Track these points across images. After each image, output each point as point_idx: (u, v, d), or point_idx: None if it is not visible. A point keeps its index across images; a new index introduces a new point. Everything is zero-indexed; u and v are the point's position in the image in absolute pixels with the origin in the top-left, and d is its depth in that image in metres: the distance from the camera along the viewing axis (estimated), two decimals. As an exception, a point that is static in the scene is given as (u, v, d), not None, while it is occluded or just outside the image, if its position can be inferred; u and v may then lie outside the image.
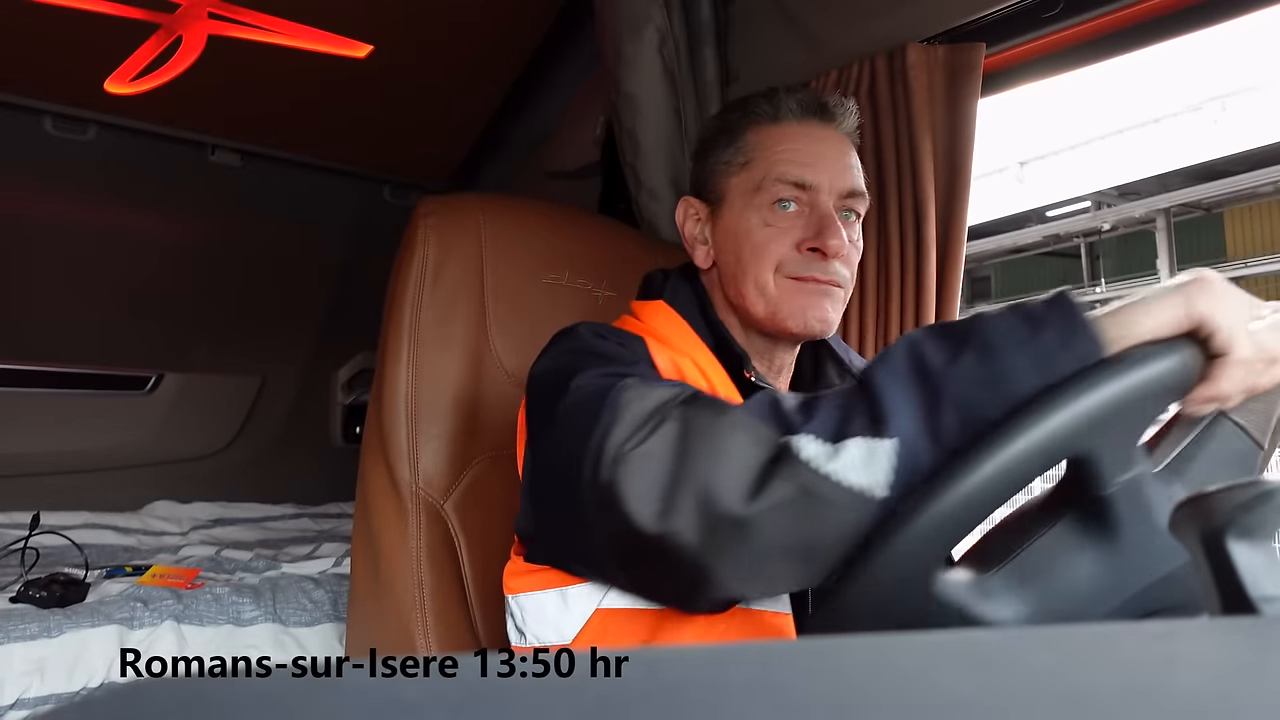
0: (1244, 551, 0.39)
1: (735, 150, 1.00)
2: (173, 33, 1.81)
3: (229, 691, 0.16)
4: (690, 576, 0.67)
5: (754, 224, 0.97)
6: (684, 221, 1.04)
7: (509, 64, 2.16)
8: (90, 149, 2.18)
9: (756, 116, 1.00)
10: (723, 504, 0.63)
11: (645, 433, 0.68)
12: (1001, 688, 0.17)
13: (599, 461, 0.69)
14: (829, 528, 0.63)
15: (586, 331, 0.89)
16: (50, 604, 1.53)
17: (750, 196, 0.97)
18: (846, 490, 0.62)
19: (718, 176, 1.01)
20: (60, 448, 2.73)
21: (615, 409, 0.71)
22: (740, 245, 0.98)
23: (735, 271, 0.98)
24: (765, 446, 0.64)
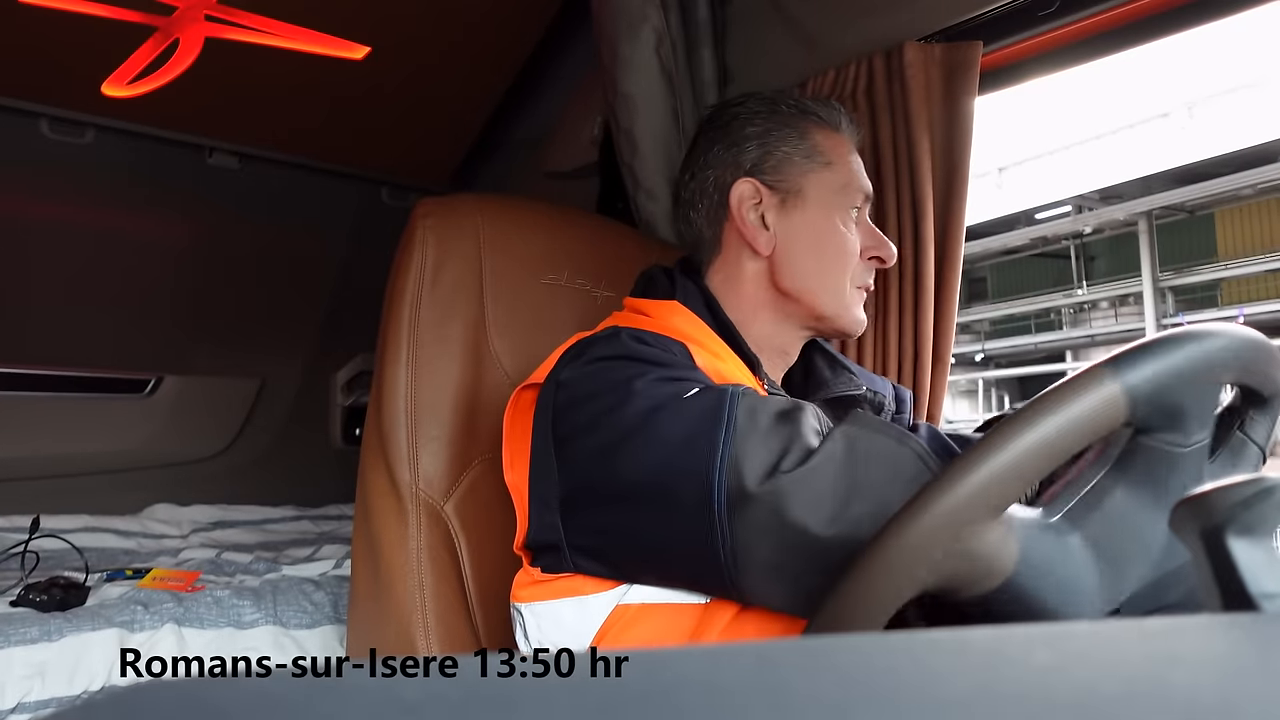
0: (1244, 548, 0.39)
1: (810, 148, 1.01)
2: (170, 35, 1.80)
3: (229, 692, 0.16)
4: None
5: (837, 225, 1.00)
6: (740, 205, 1.01)
7: (506, 65, 2.16)
8: (88, 152, 2.18)
9: (819, 121, 1.03)
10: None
11: (798, 454, 0.70)
12: (1001, 686, 0.17)
13: (739, 473, 0.70)
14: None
15: (628, 338, 0.86)
16: (50, 607, 1.53)
17: (832, 198, 1.00)
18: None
19: (794, 168, 1.01)
20: (60, 451, 2.73)
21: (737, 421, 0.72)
22: (822, 245, 1.00)
23: (812, 268, 1.00)
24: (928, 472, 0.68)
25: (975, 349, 16.97)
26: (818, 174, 1.00)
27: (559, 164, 2.06)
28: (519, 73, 2.19)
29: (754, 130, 1.03)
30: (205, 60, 1.86)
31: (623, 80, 1.57)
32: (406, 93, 2.19)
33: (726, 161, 1.03)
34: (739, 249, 1.02)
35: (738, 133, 1.03)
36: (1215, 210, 13.01)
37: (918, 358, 1.33)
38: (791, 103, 1.04)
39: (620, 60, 1.57)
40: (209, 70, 1.90)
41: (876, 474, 0.68)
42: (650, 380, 0.78)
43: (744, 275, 1.02)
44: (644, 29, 1.55)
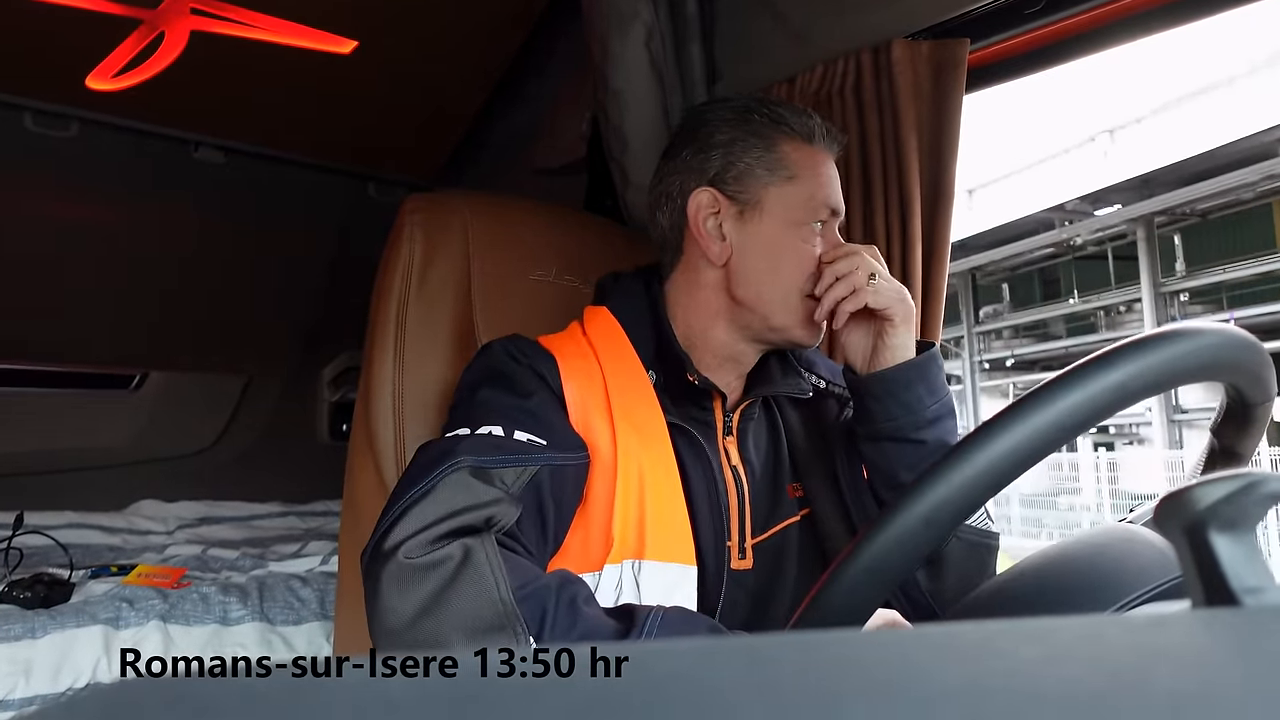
0: (1226, 543, 0.40)
1: (775, 160, 1.01)
2: (155, 28, 1.79)
3: (216, 690, 0.16)
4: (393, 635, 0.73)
5: (795, 239, 1.00)
6: (699, 213, 1.03)
7: (495, 60, 2.16)
8: (72, 145, 2.16)
9: (791, 132, 1.02)
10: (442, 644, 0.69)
11: (428, 542, 0.74)
12: (989, 681, 0.17)
13: (387, 530, 0.75)
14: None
15: (500, 351, 0.95)
16: (35, 604, 1.52)
17: (794, 211, 1.00)
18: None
19: (755, 180, 1.01)
20: (44, 447, 2.71)
21: (428, 488, 0.77)
22: (776, 257, 1.00)
23: (762, 279, 1.01)
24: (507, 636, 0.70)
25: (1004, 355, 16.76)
26: (779, 187, 1.01)
27: (547, 160, 2.06)
28: (507, 68, 2.19)
29: (721, 139, 1.03)
30: (191, 54, 1.85)
31: (612, 76, 1.57)
32: (394, 87, 2.18)
33: (692, 168, 1.04)
34: (698, 256, 1.04)
35: (705, 140, 1.04)
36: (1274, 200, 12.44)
37: (905, 354, 1.34)
38: (765, 112, 1.03)
39: (610, 56, 1.56)
40: (195, 64, 1.88)
41: (462, 606, 0.71)
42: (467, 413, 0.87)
43: (702, 282, 1.04)
44: (634, 25, 1.54)
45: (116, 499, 2.62)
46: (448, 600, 0.71)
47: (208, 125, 2.29)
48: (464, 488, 0.77)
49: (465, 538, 0.74)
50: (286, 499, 2.88)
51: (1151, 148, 11.02)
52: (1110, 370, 0.57)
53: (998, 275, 15.51)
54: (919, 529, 0.56)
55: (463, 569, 0.72)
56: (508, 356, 0.94)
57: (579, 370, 0.95)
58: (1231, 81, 10.48)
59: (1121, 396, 0.57)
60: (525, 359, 0.93)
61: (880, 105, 1.35)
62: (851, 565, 0.58)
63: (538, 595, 0.73)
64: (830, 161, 1.04)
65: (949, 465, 0.59)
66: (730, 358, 1.05)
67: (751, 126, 1.03)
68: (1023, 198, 12.39)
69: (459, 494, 0.77)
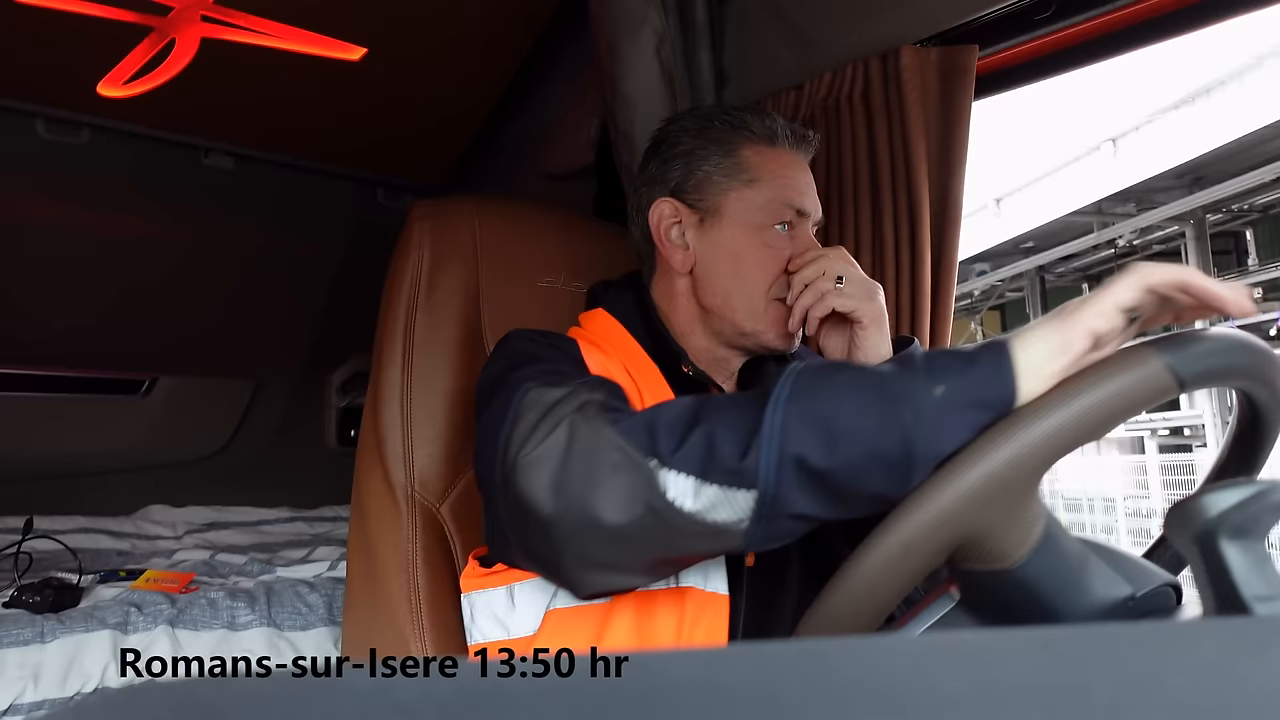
0: (1237, 552, 0.40)
1: (734, 166, 1.02)
2: (166, 36, 1.80)
3: (223, 693, 0.16)
4: (570, 566, 0.75)
5: (755, 243, 1.00)
6: (660, 224, 1.05)
7: (503, 66, 2.16)
8: (83, 152, 2.17)
9: (751, 135, 1.03)
10: (595, 515, 0.70)
11: (538, 439, 0.74)
12: (996, 689, 0.17)
13: (504, 460, 0.77)
14: (693, 548, 0.73)
15: (518, 337, 0.95)
16: (44, 609, 1.52)
17: (753, 215, 1.01)
18: (708, 525, 0.67)
19: (713, 187, 1.02)
20: (54, 451, 2.72)
21: (516, 413, 0.78)
22: (738, 262, 1.01)
23: (726, 286, 1.01)
24: (635, 472, 0.69)
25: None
26: (738, 192, 1.01)
27: (556, 166, 2.06)
28: (516, 74, 2.19)
29: (681, 149, 1.05)
30: (201, 61, 1.86)
31: (622, 81, 1.57)
32: (403, 94, 2.18)
33: (656, 179, 1.07)
34: (667, 265, 1.05)
35: (668, 151, 1.06)
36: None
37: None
38: (726, 118, 1.04)
39: (620, 61, 1.57)
40: (205, 71, 1.89)
41: (579, 466, 0.71)
42: (510, 380, 0.85)
43: (676, 290, 1.06)
44: (644, 30, 1.55)
45: (125, 504, 2.63)
46: (570, 467, 0.72)
47: (217, 131, 2.30)
48: (539, 397, 0.79)
49: (565, 419, 0.75)
50: (294, 504, 2.88)
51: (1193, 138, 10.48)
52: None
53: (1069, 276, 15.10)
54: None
55: (572, 438, 0.73)
56: (527, 340, 0.95)
57: (599, 351, 0.97)
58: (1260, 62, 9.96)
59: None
60: (545, 339, 0.95)
61: (889, 112, 1.35)
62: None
63: (638, 423, 0.73)
64: (797, 163, 1.04)
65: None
66: (714, 361, 1.05)
67: (712, 134, 1.04)
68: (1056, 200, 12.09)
69: (539, 403, 0.78)
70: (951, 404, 0.61)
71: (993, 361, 0.61)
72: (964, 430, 0.61)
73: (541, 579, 0.88)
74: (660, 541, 0.71)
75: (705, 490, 0.67)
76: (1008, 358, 0.61)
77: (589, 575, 0.75)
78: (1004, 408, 0.60)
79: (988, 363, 0.62)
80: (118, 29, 1.76)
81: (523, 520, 0.75)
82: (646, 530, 0.69)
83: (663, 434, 0.70)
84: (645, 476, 0.69)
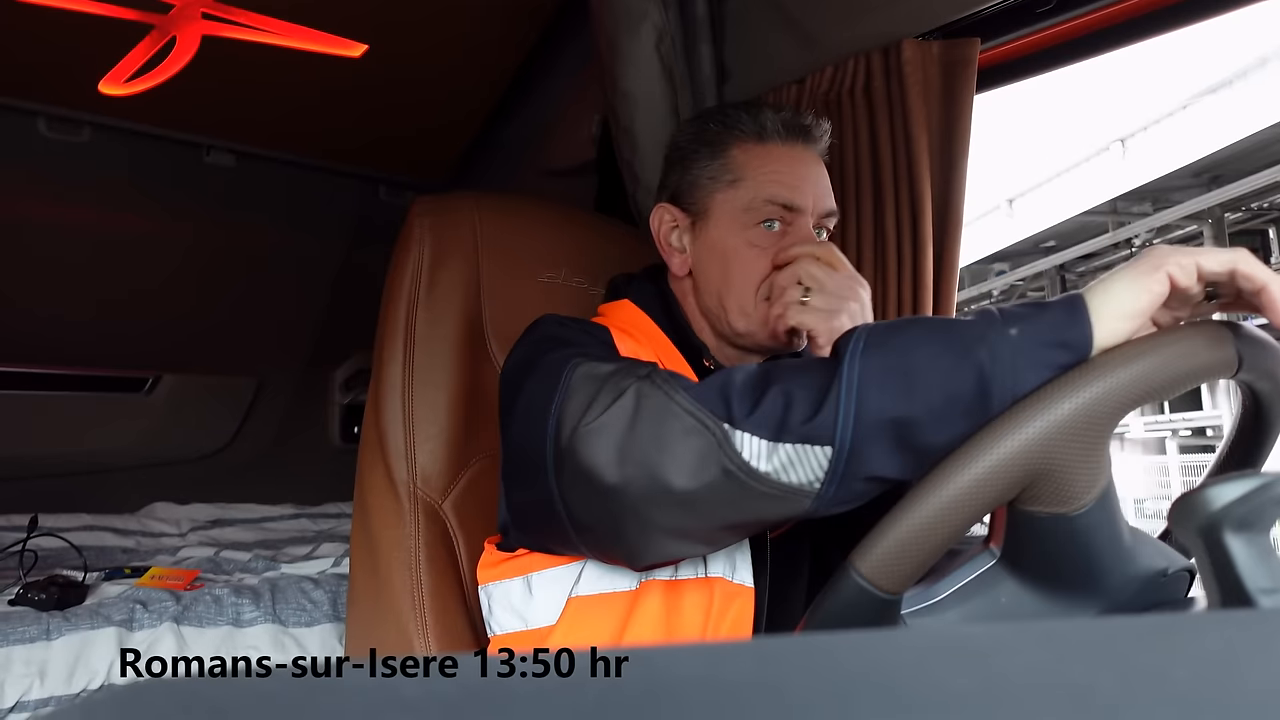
0: (1241, 544, 0.40)
1: (721, 166, 1.02)
2: (167, 33, 1.80)
3: (228, 691, 0.16)
4: (633, 534, 0.73)
5: (740, 243, 1.00)
6: (660, 228, 1.07)
7: (504, 62, 2.16)
8: (85, 150, 2.18)
9: (741, 133, 1.02)
10: (664, 480, 0.68)
11: (599, 408, 0.72)
12: (1000, 683, 0.17)
13: (558, 435, 0.75)
14: (761, 513, 0.70)
15: (550, 321, 0.94)
16: (49, 606, 1.53)
17: (738, 215, 1.01)
18: (781, 486, 0.66)
19: (702, 190, 1.03)
20: (58, 449, 2.73)
21: (570, 384, 0.76)
22: (727, 263, 1.01)
23: (718, 287, 1.02)
24: (708, 435, 0.68)
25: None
26: (723, 193, 1.02)
27: (557, 162, 2.06)
28: (517, 70, 2.19)
29: (678, 155, 1.07)
30: (202, 59, 1.86)
31: (622, 77, 1.57)
32: (404, 91, 2.18)
33: (662, 185, 1.09)
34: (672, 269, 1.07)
35: (670, 157, 1.08)
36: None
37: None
38: (721, 119, 1.04)
39: (620, 57, 1.56)
40: (206, 69, 1.89)
41: (647, 432, 0.70)
42: (549, 358, 0.83)
43: (684, 291, 1.07)
44: (644, 26, 1.54)
45: (130, 501, 2.63)
46: (638, 433, 0.70)
47: (219, 129, 2.30)
48: (592, 370, 0.77)
49: (631, 386, 0.74)
50: (298, 501, 2.88)
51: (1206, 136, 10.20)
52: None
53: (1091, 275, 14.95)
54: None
55: (640, 403, 0.71)
56: (558, 324, 0.93)
57: (627, 338, 0.97)
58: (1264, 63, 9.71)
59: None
60: (576, 325, 0.94)
61: (890, 106, 1.35)
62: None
63: (708, 387, 0.71)
64: (792, 156, 1.01)
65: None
66: (726, 361, 1.05)
67: (705, 136, 1.04)
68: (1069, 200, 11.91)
69: (594, 375, 0.77)
70: (1028, 343, 0.61)
71: (1068, 306, 0.61)
72: (1042, 369, 0.60)
73: (559, 569, 0.88)
74: (730, 505, 0.69)
75: (780, 450, 0.66)
76: (1082, 303, 0.61)
77: (654, 542, 0.73)
78: (1081, 346, 0.60)
79: (1063, 307, 0.62)
80: (119, 27, 1.76)
81: (583, 491, 0.74)
82: (717, 494, 0.68)
83: (736, 397, 0.69)
84: (719, 439, 0.67)
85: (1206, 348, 0.58)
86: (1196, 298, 0.62)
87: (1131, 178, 11.00)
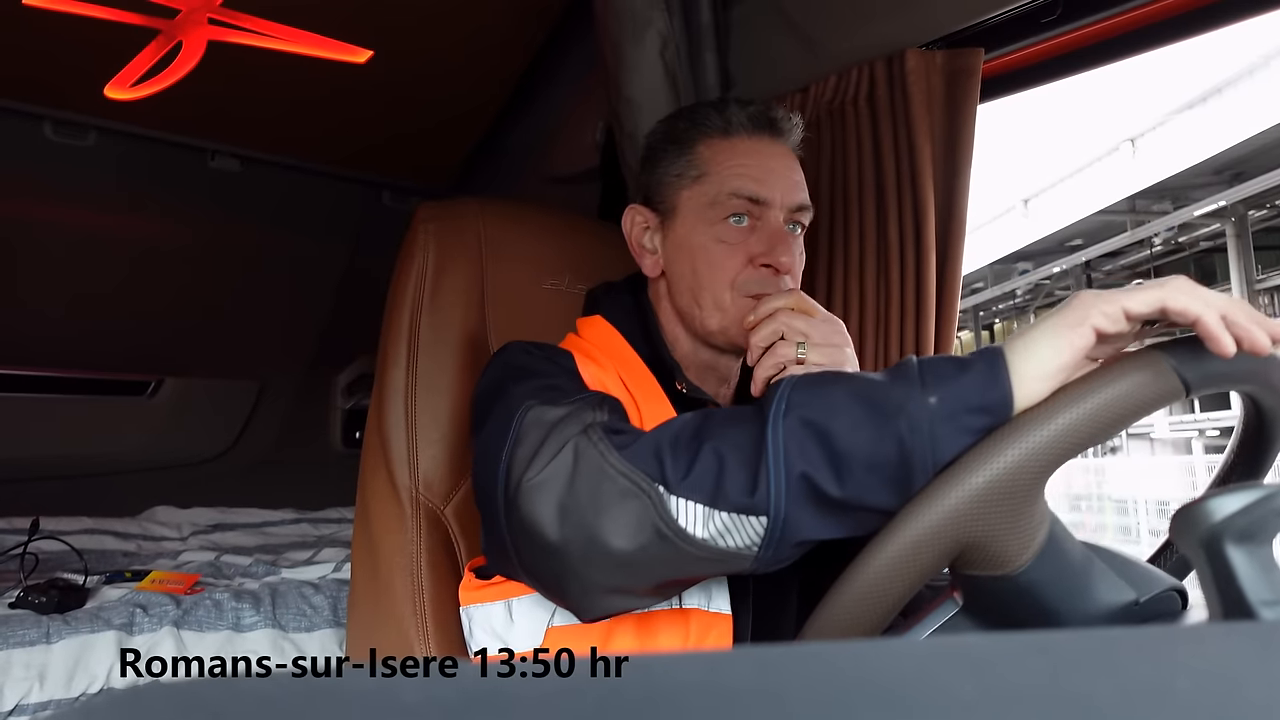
0: (1242, 556, 0.39)
1: (686, 163, 1.01)
2: (173, 38, 1.81)
3: (227, 693, 0.16)
4: (576, 591, 0.74)
5: (708, 239, 0.99)
6: (631, 230, 1.06)
7: (509, 68, 2.16)
8: (90, 154, 2.18)
9: (707, 129, 1.01)
10: (602, 542, 0.69)
11: (542, 462, 0.73)
12: (999, 693, 0.17)
13: (506, 482, 0.76)
14: (701, 572, 0.73)
15: (514, 349, 0.94)
16: (49, 609, 1.52)
17: (704, 211, 0.99)
18: (718, 551, 0.67)
19: (668, 188, 1.02)
20: (60, 453, 2.73)
21: (520, 430, 0.78)
22: (695, 260, 1.00)
23: (690, 285, 1.00)
24: (643, 498, 0.69)
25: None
26: (689, 189, 1.01)
27: (561, 168, 2.06)
28: (521, 76, 2.19)
29: (649, 155, 1.06)
30: (208, 63, 1.87)
31: (626, 84, 1.57)
32: (408, 96, 2.19)
33: (635, 188, 1.09)
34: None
35: (644, 158, 1.07)
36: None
37: (918, 364, 1.33)
38: (690, 116, 1.03)
39: (624, 64, 1.57)
40: (211, 73, 1.90)
41: (585, 492, 0.71)
42: (509, 396, 0.84)
43: (660, 294, 1.06)
44: (649, 33, 1.55)
45: (131, 505, 2.63)
46: (577, 493, 0.71)
47: (224, 134, 2.30)
48: (541, 415, 0.78)
49: (570, 442, 0.74)
50: (299, 506, 2.88)
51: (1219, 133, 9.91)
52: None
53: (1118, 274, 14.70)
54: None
55: (577, 462, 0.72)
56: (523, 352, 0.94)
57: (594, 364, 0.96)
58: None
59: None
60: (540, 351, 0.94)
61: (894, 115, 1.35)
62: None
63: (644, 446, 0.72)
64: (755, 150, 1.00)
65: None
66: (705, 366, 1.05)
67: (674, 134, 1.03)
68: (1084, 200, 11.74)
69: (542, 421, 0.77)
70: (947, 412, 0.60)
71: (987, 366, 0.61)
72: (963, 436, 0.60)
73: (539, 595, 0.88)
74: (669, 566, 0.70)
75: (716, 517, 0.66)
76: (1002, 361, 0.60)
77: (596, 600, 0.74)
78: (1001, 409, 0.60)
79: (982, 368, 0.61)
80: (125, 32, 1.77)
81: (528, 544, 0.74)
82: (655, 556, 0.69)
83: (669, 458, 0.69)
84: (654, 503, 0.68)
85: (1140, 388, 0.57)
86: (1132, 333, 0.62)
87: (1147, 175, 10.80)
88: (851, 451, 0.62)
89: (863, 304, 1.38)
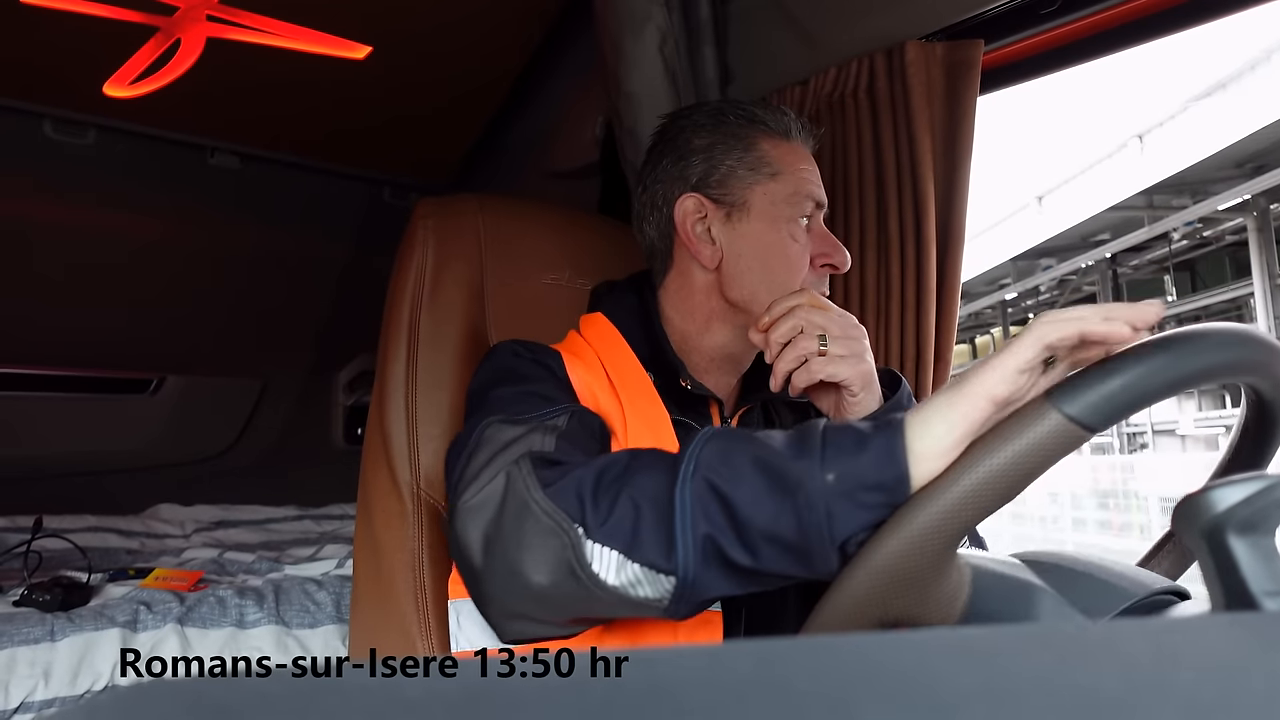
0: (1245, 547, 0.39)
1: (756, 159, 1.01)
2: (171, 35, 1.81)
3: (231, 692, 0.16)
4: (495, 614, 0.80)
5: (784, 237, 1.00)
6: (686, 220, 1.03)
7: (508, 64, 2.16)
8: (90, 152, 2.18)
9: (767, 129, 1.03)
10: (523, 576, 0.73)
11: (480, 485, 0.78)
12: (1002, 685, 0.17)
13: (454, 494, 0.81)
14: (615, 613, 0.77)
15: (505, 351, 0.97)
16: (53, 607, 1.53)
17: (780, 208, 1.00)
18: (630, 599, 0.70)
19: (737, 181, 1.02)
20: (63, 451, 2.74)
21: (474, 445, 0.82)
22: (768, 257, 1.00)
23: (758, 279, 1.00)
24: (562, 538, 0.71)
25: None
26: (763, 185, 1.01)
27: (561, 163, 2.06)
28: (520, 71, 2.19)
29: (700, 143, 1.04)
30: (207, 60, 1.87)
31: (626, 79, 1.57)
32: (408, 92, 2.19)
33: (674, 176, 1.05)
34: (689, 261, 1.04)
35: (684, 146, 1.05)
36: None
37: (920, 357, 1.33)
38: (740, 112, 1.04)
39: (624, 59, 1.56)
40: (211, 70, 1.90)
41: (510, 525, 0.74)
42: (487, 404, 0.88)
43: (695, 287, 1.04)
44: (648, 27, 1.54)
45: (134, 502, 2.64)
46: (502, 524, 0.75)
47: (223, 131, 2.30)
48: (495, 434, 0.82)
49: (503, 471, 0.78)
50: (302, 502, 2.89)
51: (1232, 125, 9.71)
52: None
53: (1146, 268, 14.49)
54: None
55: (506, 495, 0.76)
56: (512, 354, 0.96)
57: (583, 365, 0.97)
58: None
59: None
60: (530, 354, 0.96)
61: (894, 107, 1.35)
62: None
63: (568, 486, 0.74)
64: (809, 156, 1.05)
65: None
66: (729, 358, 1.05)
67: (728, 128, 1.03)
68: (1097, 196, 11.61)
69: (492, 440, 0.82)
70: (843, 490, 0.61)
71: (885, 443, 0.61)
72: (860, 513, 0.61)
73: None
74: (584, 605, 0.73)
75: (629, 567, 0.69)
76: (900, 438, 0.61)
77: (512, 624, 0.79)
78: (898, 490, 0.60)
79: (880, 445, 0.61)
80: (123, 29, 1.77)
81: (459, 560, 0.80)
82: (569, 594, 0.72)
83: (590, 501, 0.71)
84: (572, 544, 0.71)
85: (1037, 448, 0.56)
86: (1034, 382, 0.63)
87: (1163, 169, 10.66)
88: (752, 521, 0.64)
89: (863, 295, 1.38)
